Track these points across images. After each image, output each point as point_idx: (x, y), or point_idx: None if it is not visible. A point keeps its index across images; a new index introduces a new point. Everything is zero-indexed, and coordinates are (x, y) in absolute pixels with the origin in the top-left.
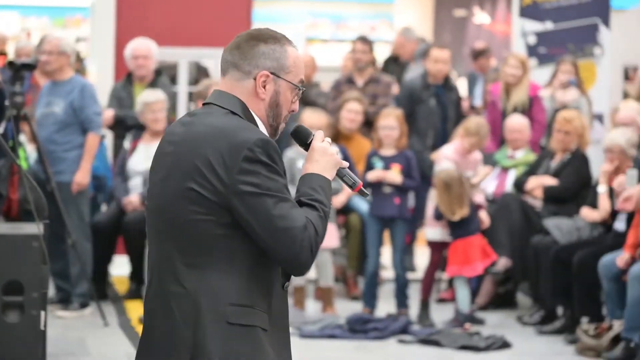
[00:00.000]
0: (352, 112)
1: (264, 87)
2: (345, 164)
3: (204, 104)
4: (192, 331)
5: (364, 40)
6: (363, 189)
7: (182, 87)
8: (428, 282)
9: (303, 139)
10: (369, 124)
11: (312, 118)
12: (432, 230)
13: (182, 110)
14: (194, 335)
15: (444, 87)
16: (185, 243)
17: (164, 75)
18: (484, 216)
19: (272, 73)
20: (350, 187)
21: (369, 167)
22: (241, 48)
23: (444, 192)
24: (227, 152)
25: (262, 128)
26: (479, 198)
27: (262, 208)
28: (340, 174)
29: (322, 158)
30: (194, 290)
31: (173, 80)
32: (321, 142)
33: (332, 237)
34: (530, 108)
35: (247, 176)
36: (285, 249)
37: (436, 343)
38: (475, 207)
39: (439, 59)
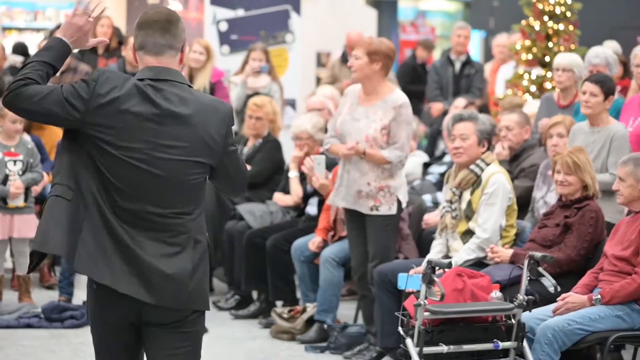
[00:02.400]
0: None
1: (184, 54)
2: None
3: (156, 80)
4: (191, 260)
5: None
6: None
7: None
8: None
9: None
10: None
11: None
12: None
13: None
14: (192, 260)
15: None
16: (183, 197)
17: None
18: None
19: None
20: None
21: None
22: (170, 31)
23: None
24: (220, 124)
25: None
26: None
27: (237, 159)
28: None
29: None
30: (191, 230)
31: None
32: None
33: (32, 227)
34: (213, 94)
35: (230, 138)
36: (242, 183)
37: None
38: None
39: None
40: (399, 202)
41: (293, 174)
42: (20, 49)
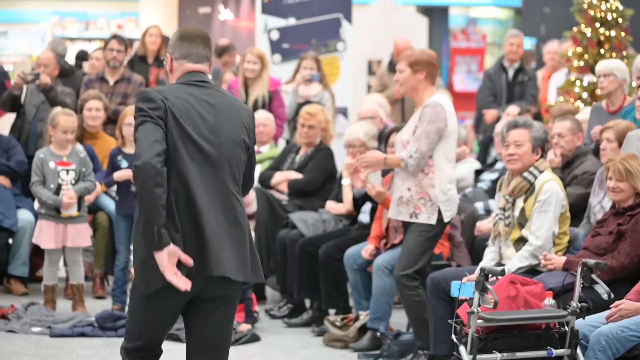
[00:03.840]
0: (92, 110)
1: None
2: None
3: (198, 82)
4: (248, 234)
5: (119, 39)
6: None
7: None
8: None
9: None
10: None
11: (69, 122)
12: None
13: None
14: (250, 235)
15: None
16: (236, 177)
17: None
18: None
19: None
20: None
21: (115, 165)
22: (209, 46)
23: None
24: (249, 117)
25: None
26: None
27: (255, 156)
28: None
29: None
30: (242, 209)
31: None
32: None
33: (85, 236)
34: (271, 103)
35: (254, 133)
36: (253, 181)
37: (178, 338)
38: None
39: None
40: (441, 216)
41: (346, 182)
42: (82, 56)
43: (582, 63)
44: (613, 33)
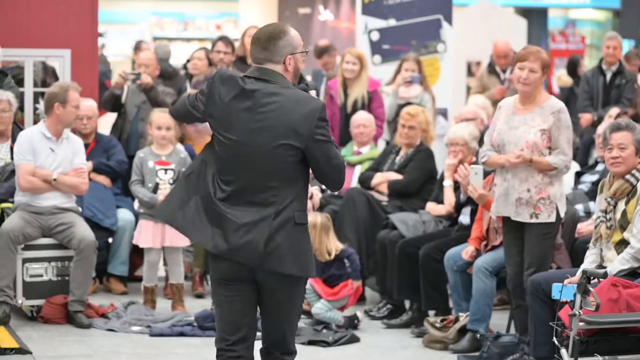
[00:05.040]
0: None
1: (289, 64)
2: None
3: (257, 78)
4: (268, 228)
5: (225, 40)
6: None
7: (28, 88)
8: None
9: None
10: None
11: (160, 118)
12: None
13: (29, 110)
14: (269, 230)
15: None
16: (273, 174)
17: (9, 76)
18: (316, 199)
19: (291, 54)
20: None
21: None
22: (268, 48)
23: (325, 233)
24: (308, 114)
25: None
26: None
27: (327, 150)
28: None
29: None
30: (277, 203)
31: (20, 81)
32: None
33: (183, 236)
34: (370, 103)
35: (319, 129)
36: (336, 176)
37: None
38: None
39: None
40: (558, 212)
41: (447, 183)
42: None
43: None
44: None
